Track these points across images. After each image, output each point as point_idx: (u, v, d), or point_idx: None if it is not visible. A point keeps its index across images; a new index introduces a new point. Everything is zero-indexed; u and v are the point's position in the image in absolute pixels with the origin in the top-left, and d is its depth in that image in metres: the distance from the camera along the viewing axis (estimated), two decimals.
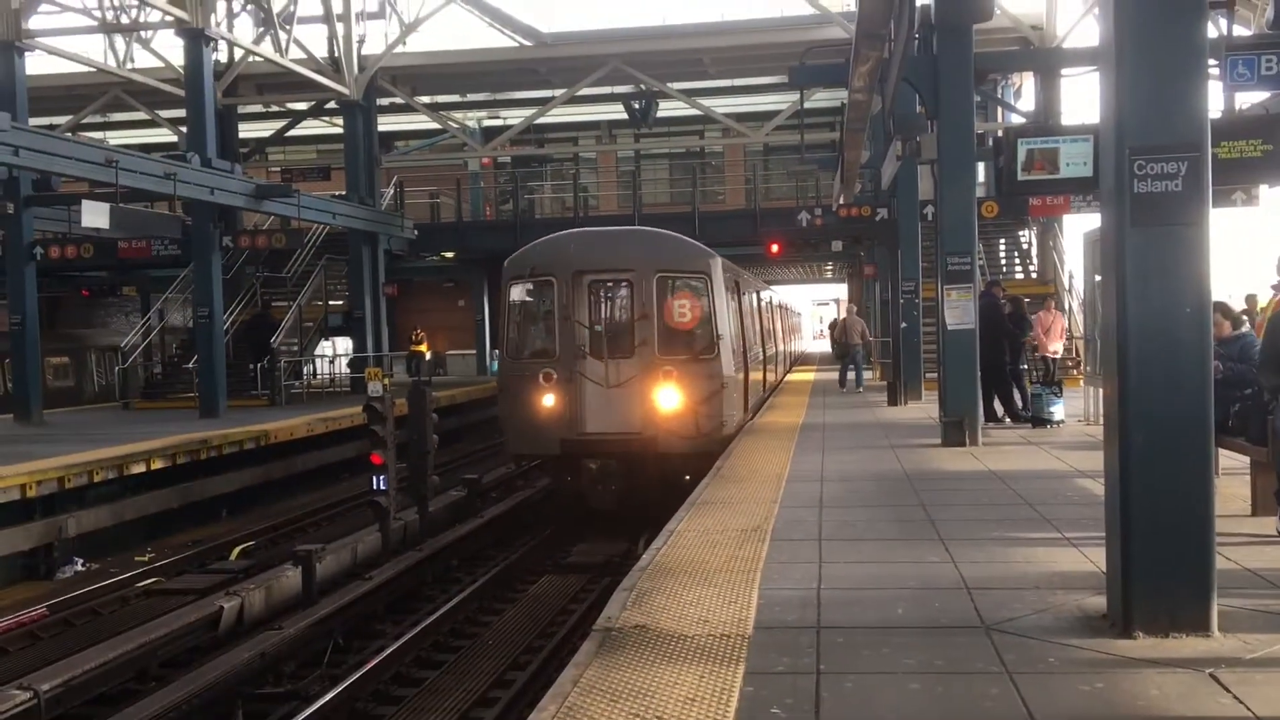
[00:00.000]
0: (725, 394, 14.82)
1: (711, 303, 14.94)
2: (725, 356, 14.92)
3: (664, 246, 15.68)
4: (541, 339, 15.72)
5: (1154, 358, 5.47)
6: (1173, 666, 5.00)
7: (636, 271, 14.89)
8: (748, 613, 6.09)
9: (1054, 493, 9.92)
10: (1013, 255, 32.01)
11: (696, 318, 14.98)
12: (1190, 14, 5.49)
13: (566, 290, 14.91)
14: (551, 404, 14.81)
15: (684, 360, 14.74)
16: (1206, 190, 5.45)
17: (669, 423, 14.59)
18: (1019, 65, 28.25)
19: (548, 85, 33.12)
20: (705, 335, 14.98)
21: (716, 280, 15.07)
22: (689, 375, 14.67)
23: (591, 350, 14.95)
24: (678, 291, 15.05)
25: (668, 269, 15.12)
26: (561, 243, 15.84)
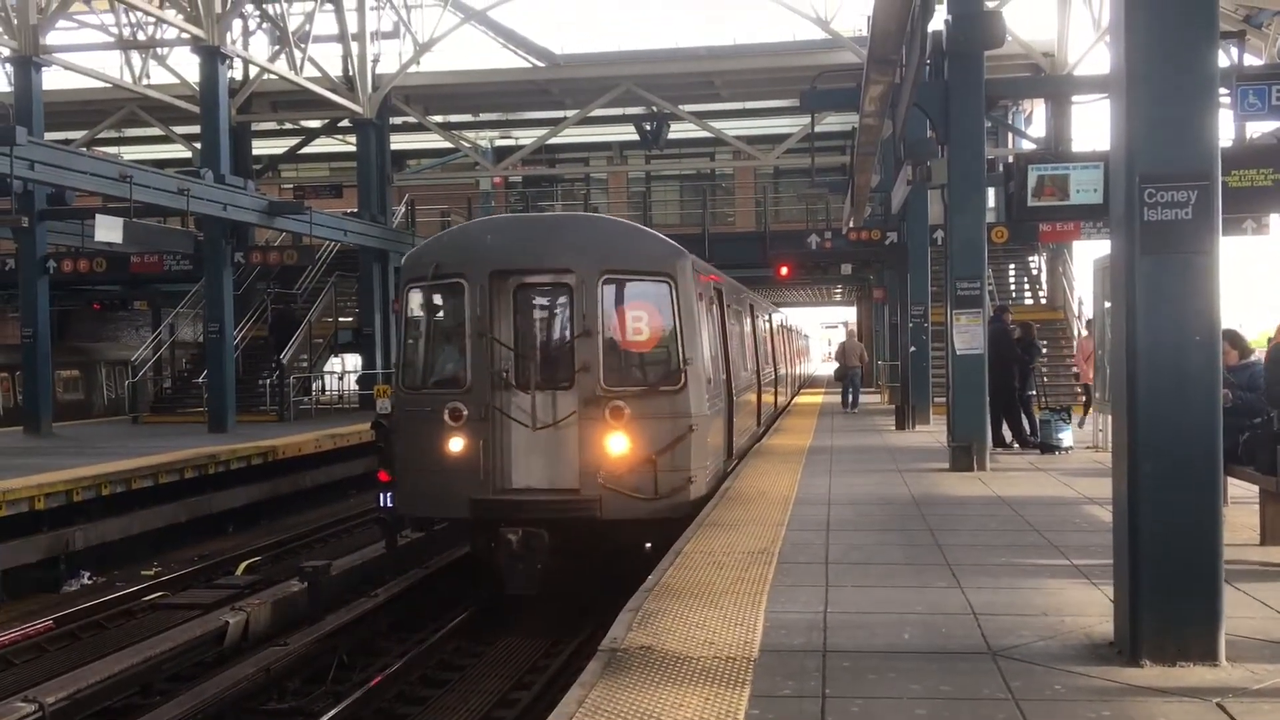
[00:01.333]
0: (694, 439, 10.98)
1: (678, 316, 11.11)
2: (695, 388, 11.12)
3: (614, 240, 11.77)
4: (447, 364, 11.86)
5: (1163, 385, 5.47)
6: (1180, 696, 4.98)
7: (577, 273, 11.05)
8: (753, 635, 6.08)
9: (1062, 519, 9.89)
10: (1022, 281, 32.02)
11: (657, 336, 11.24)
12: (1202, 43, 5.51)
13: (481, 297, 11.12)
14: (459, 450, 11.01)
15: (639, 393, 10.95)
16: (1217, 219, 5.46)
17: (618, 479, 10.76)
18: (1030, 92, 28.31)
19: (560, 106, 33.27)
20: (669, 360, 11.19)
21: (685, 286, 11.26)
22: (646, 414, 10.86)
23: (515, 379, 11.21)
24: (632, 300, 11.22)
25: (619, 270, 11.22)
26: (475, 234, 12.28)
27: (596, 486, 10.82)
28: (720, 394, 12.72)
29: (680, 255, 11.56)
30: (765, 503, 11.01)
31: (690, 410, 11.02)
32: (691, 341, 11.19)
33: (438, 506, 11.48)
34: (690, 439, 10.96)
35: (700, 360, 11.30)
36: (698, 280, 11.87)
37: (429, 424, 11.16)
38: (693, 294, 11.44)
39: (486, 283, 11.14)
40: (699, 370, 11.23)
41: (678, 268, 11.33)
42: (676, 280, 11.21)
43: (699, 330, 11.44)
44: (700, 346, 11.39)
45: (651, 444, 10.83)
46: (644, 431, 10.84)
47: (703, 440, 11.20)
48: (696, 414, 11.08)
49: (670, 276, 11.24)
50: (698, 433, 11.04)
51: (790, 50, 31.24)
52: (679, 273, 11.29)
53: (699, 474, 11.15)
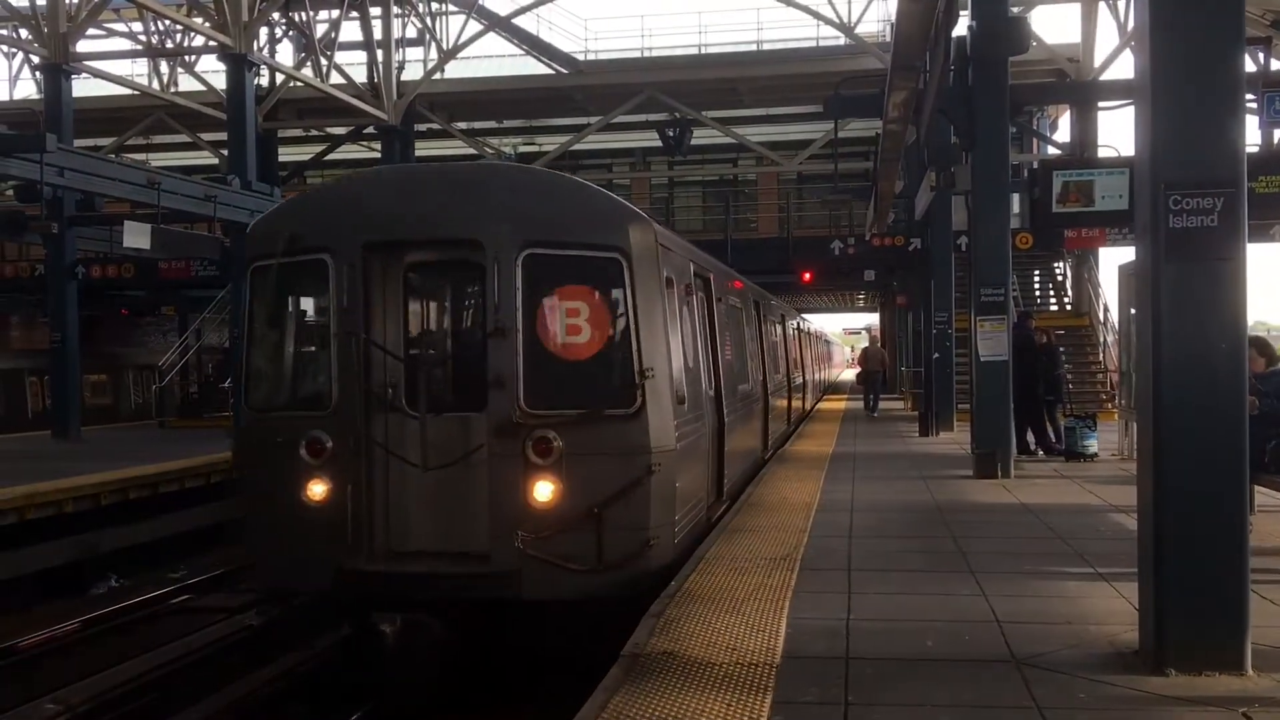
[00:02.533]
0: (655, 484, 7.86)
1: (632, 309, 7.97)
2: (657, 412, 7.95)
3: (541, 200, 8.30)
4: (305, 377, 8.95)
5: (1189, 393, 5.44)
6: (1205, 705, 4.95)
7: (487, 246, 7.91)
8: (776, 641, 6.08)
9: (1087, 527, 9.84)
10: (1047, 287, 31.84)
11: (602, 337, 8.04)
12: (1227, 48, 5.49)
13: (351, 281, 8.09)
14: (320, 499, 8.02)
15: (576, 420, 7.82)
16: (1242, 225, 5.43)
17: (545, 542, 7.70)
18: (1054, 98, 28.24)
19: (583, 113, 33.38)
20: (619, 371, 8.06)
21: (644, 265, 8.11)
22: (585, 448, 7.79)
23: (401, 398, 8.21)
24: (567, 286, 8.01)
25: (547, 242, 7.98)
26: (346, 192, 9.05)
27: (514, 553, 7.66)
28: (704, 415, 9.55)
29: (635, 221, 8.22)
30: (788, 509, 10.99)
31: (649, 443, 7.78)
32: (653, 344, 7.96)
33: (293, 574, 8.29)
34: (649, 484, 7.76)
35: (667, 371, 8.09)
36: (665, 258, 8.53)
37: (280, 461, 8.09)
38: (655, 277, 8.16)
39: (359, 260, 8.04)
40: (663, 386, 8.01)
41: (632, 239, 7.98)
42: (631, 257, 7.91)
43: (665, 328, 8.18)
44: (667, 352, 8.13)
45: (593, 492, 7.65)
46: (582, 474, 7.68)
47: (668, 484, 8.00)
48: (659, 447, 7.85)
49: (621, 251, 7.91)
50: (661, 474, 7.84)
51: (813, 56, 31.25)
52: (634, 246, 7.97)
53: (662, 533, 7.96)
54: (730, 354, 12.22)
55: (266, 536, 8.31)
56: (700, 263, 10.86)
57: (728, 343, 12.05)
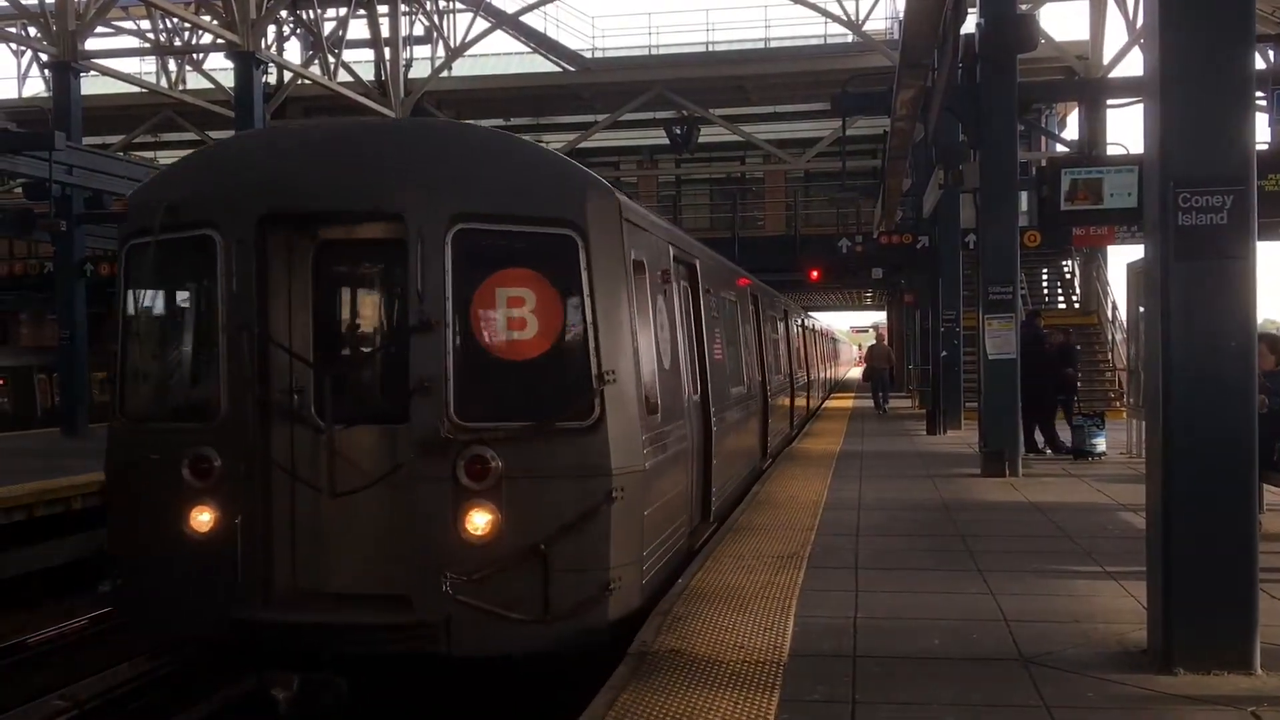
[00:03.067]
0: (617, 514, 6.51)
1: (589, 298, 6.59)
2: (619, 424, 6.59)
3: (477, 164, 6.86)
4: (188, 380, 7.51)
5: (1197, 391, 5.43)
6: (1214, 704, 4.94)
7: (410, 218, 6.56)
8: (783, 640, 6.08)
9: (1095, 526, 9.82)
10: (1055, 285, 31.78)
11: (551, 332, 6.63)
12: (1237, 46, 5.48)
13: (243, 262, 6.70)
14: (206, 530, 6.66)
15: (518, 434, 6.44)
16: (1252, 224, 5.42)
17: (479, 585, 6.35)
18: (1063, 95, 28.18)
19: (590, 110, 33.40)
20: (571, 375, 6.64)
21: (604, 244, 6.71)
22: (529, 469, 6.44)
23: (309, 407, 6.82)
24: (508, 269, 6.64)
25: (483, 214, 6.63)
26: (239, 154, 7.50)
27: (441, 599, 6.26)
28: (685, 425, 8.21)
29: (593, 190, 6.77)
30: (795, 507, 10.98)
31: (610, 462, 6.41)
32: (615, 341, 6.60)
33: (177, 619, 6.84)
34: (609, 513, 6.39)
35: (633, 374, 6.71)
36: (632, 237, 7.11)
37: (158, 482, 6.74)
38: (619, 258, 6.77)
39: (252, 236, 6.62)
40: (628, 392, 6.64)
41: (589, 211, 6.58)
42: (587, 233, 6.51)
43: (632, 322, 6.81)
44: (634, 351, 6.77)
45: (539, 523, 6.30)
46: (526, 501, 6.33)
47: (633, 513, 6.63)
48: (622, 468, 6.49)
49: (575, 226, 6.51)
50: (625, 501, 6.49)
51: (821, 53, 31.24)
52: (592, 220, 6.57)
53: (626, 574, 6.55)
54: (721, 353, 10.84)
55: (142, 573, 6.88)
56: (683, 247, 9.37)
57: (718, 340, 10.73)
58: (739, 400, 11.93)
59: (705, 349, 9.65)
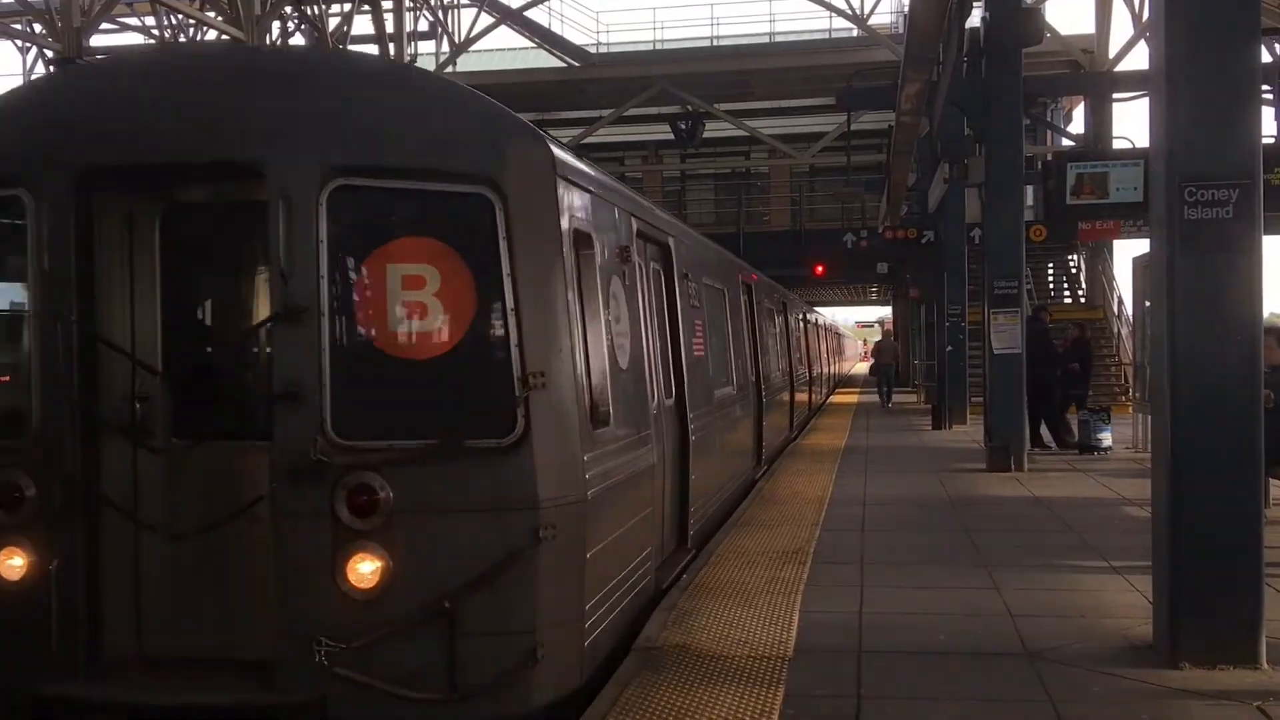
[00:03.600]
0: (548, 559, 4.97)
1: (511, 278, 5.00)
2: (551, 438, 5.04)
3: (363, 102, 5.19)
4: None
5: (1203, 385, 5.43)
6: (1219, 699, 4.94)
7: (271, 172, 4.97)
8: (788, 635, 6.07)
9: (1100, 520, 9.81)
10: (1061, 280, 31.72)
11: (459, 322, 5.06)
12: (1242, 40, 5.46)
13: (57, 231, 5.14)
14: (14, 579, 5.12)
15: (415, 455, 4.90)
16: (1258, 217, 5.41)
17: (365, 653, 4.82)
18: (1068, 89, 28.07)
19: (595, 105, 33.38)
20: (486, 378, 5.13)
21: (530, 209, 5.15)
22: (430, 502, 4.93)
23: (149, 419, 5.44)
24: (402, 240, 5.14)
25: (368, 167, 5.03)
26: (65, 90, 5.72)
27: (314, 671, 4.81)
28: (651, 435, 6.65)
29: (517, 136, 5.28)
30: (799, 502, 10.98)
31: (536, 493, 4.90)
32: (545, 333, 5.06)
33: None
34: (536, 560, 4.90)
35: (572, 376, 5.15)
36: (573, 200, 5.57)
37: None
38: (552, 226, 5.24)
39: (71, 197, 5.11)
40: (565, 398, 5.10)
41: (510, 164, 5.10)
42: (506, 193, 5.00)
43: (571, 309, 5.24)
44: (572, 346, 5.19)
45: (444, 573, 4.83)
46: (426, 543, 4.88)
47: (571, 556, 5.12)
48: (554, 498, 4.97)
49: (490, 184, 5.00)
50: (560, 542, 4.97)
51: (826, 48, 31.18)
52: (513, 175, 5.07)
53: (560, 637, 5.05)
54: (703, 348, 9.45)
55: None
56: (650, 220, 7.60)
57: (699, 334, 9.28)
58: (727, 403, 10.43)
59: (682, 344, 8.14)
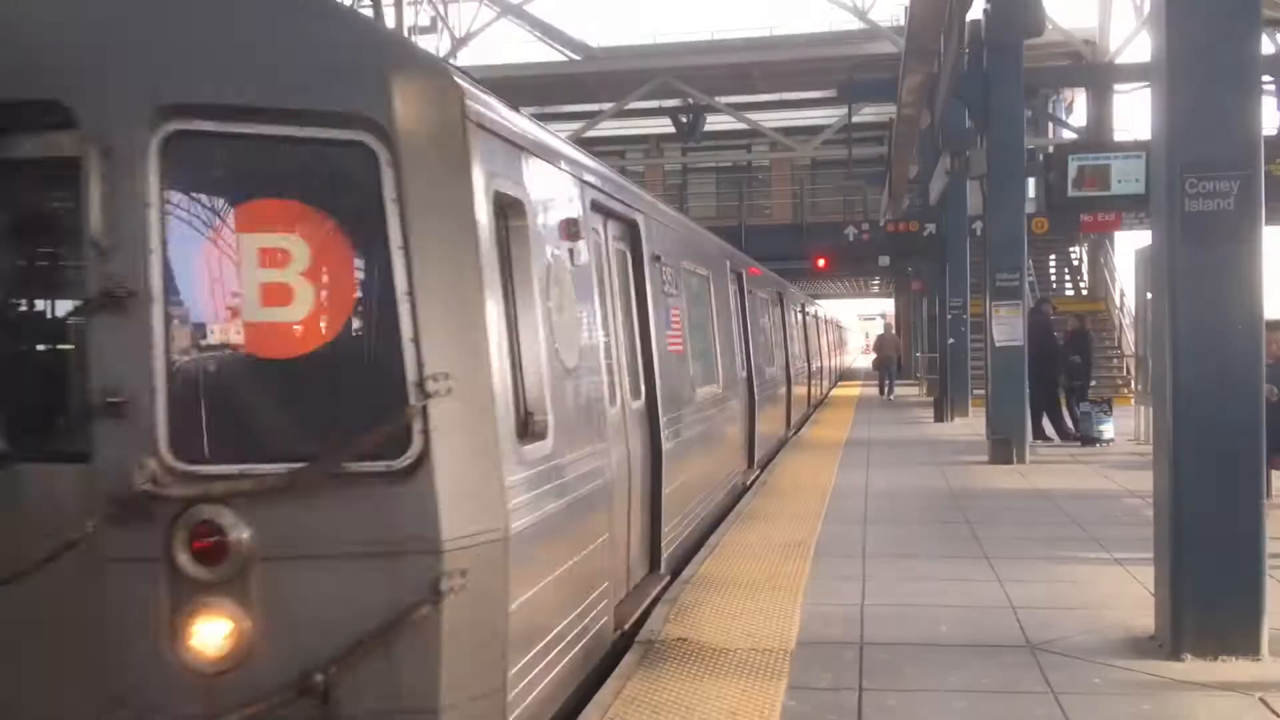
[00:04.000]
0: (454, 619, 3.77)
1: (401, 251, 3.80)
2: (460, 460, 3.85)
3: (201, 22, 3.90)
4: None
5: (1205, 376, 5.43)
6: (1221, 690, 4.94)
7: (83, 114, 3.73)
8: (791, 627, 6.08)
9: (1102, 512, 9.81)
10: (1063, 272, 31.71)
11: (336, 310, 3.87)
12: (1243, 31, 5.45)
13: None
14: None
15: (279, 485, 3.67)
16: (1259, 208, 5.41)
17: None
18: (1070, 81, 28.05)
19: (596, 99, 33.35)
20: (372, 381, 3.87)
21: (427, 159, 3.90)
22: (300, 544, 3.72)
23: None
24: (256, 201, 3.87)
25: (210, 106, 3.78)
26: None
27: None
28: (609, 448, 5.61)
29: (410, 68, 4.07)
30: (802, 495, 10.99)
31: (438, 531, 3.77)
32: (452, 325, 3.97)
33: None
34: (438, 619, 3.79)
35: (488, 378, 4.05)
36: (492, 151, 4.39)
37: None
38: (463, 186, 4.08)
39: None
40: (478, 407, 4.00)
41: (401, 101, 3.90)
42: (397, 139, 3.85)
43: (486, 292, 4.10)
44: (491, 340, 4.09)
45: (315, 638, 3.73)
46: (292, 599, 3.77)
47: (488, 610, 4.02)
48: (463, 538, 3.85)
49: (375, 128, 3.85)
50: (471, 594, 3.86)
51: (827, 41, 31.14)
52: (407, 116, 3.90)
53: (474, 715, 4.00)
54: (683, 343, 8.34)
55: None
56: (612, 193, 6.42)
57: (676, 326, 8.13)
58: (712, 402, 9.40)
59: (653, 338, 7.02)
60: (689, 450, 8.11)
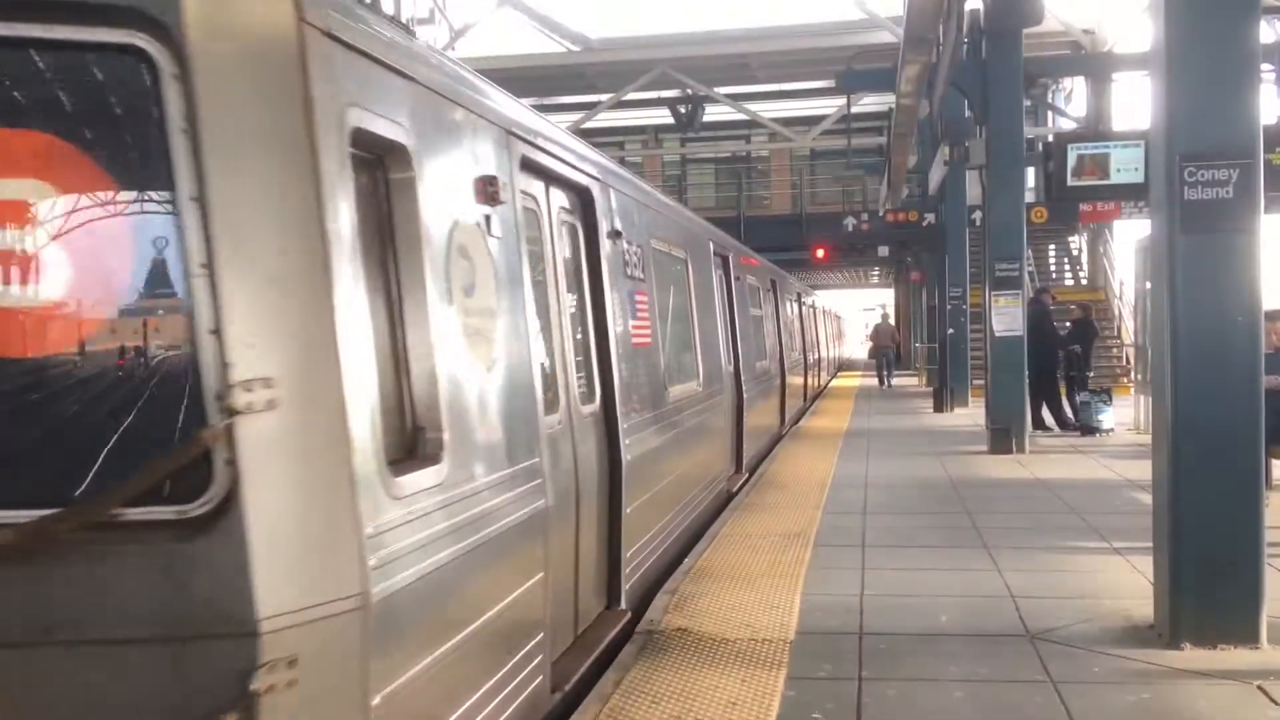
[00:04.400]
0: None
1: (194, 203, 2.67)
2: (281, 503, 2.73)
3: None
4: None
5: (1204, 366, 5.43)
6: (1220, 678, 4.95)
7: None
8: (790, 617, 6.09)
9: (1101, 502, 9.82)
10: (1062, 261, 31.69)
11: (94, 286, 2.74)
12: (1242, 18, 5.44)
13: None
14: None
15: (14, 543, 2.51)
16: (1258, 197, 5.40)
17: None
18: (1069, 70, 27.95)
19: (594, 90, 33.27)
20: (152, 391, 2.69)
21: (235, 72, 2.76)
22: (48, 631, 2.55)
23: None
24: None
25: None
26: None
27: None
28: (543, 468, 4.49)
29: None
30: (802, 485, 10.99)
31: (251, 606, 2.64)
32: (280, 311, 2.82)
33: None
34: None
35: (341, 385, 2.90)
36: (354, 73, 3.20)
37: None
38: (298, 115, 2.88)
39: None
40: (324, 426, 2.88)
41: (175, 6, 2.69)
42: (184, 44, 2.70)
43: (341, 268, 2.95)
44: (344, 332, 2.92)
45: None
46: (38, 705, 2.61)
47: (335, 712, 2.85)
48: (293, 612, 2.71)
49: (153, 26, 2.69)
50: (305, 693, 2.72)
51: (826, 30, 31.02)
52: (197, 11, 2.73)
53: None
54: (650, 336, 7.35)
55: None
56: (549, 149, 5.25)
57: (643, 316, 7.16)
58: (689, 403, 8.38)
59: (610, 332, 6.08)
60: (659, 460, 7.04)
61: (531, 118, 5.17)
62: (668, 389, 7.60)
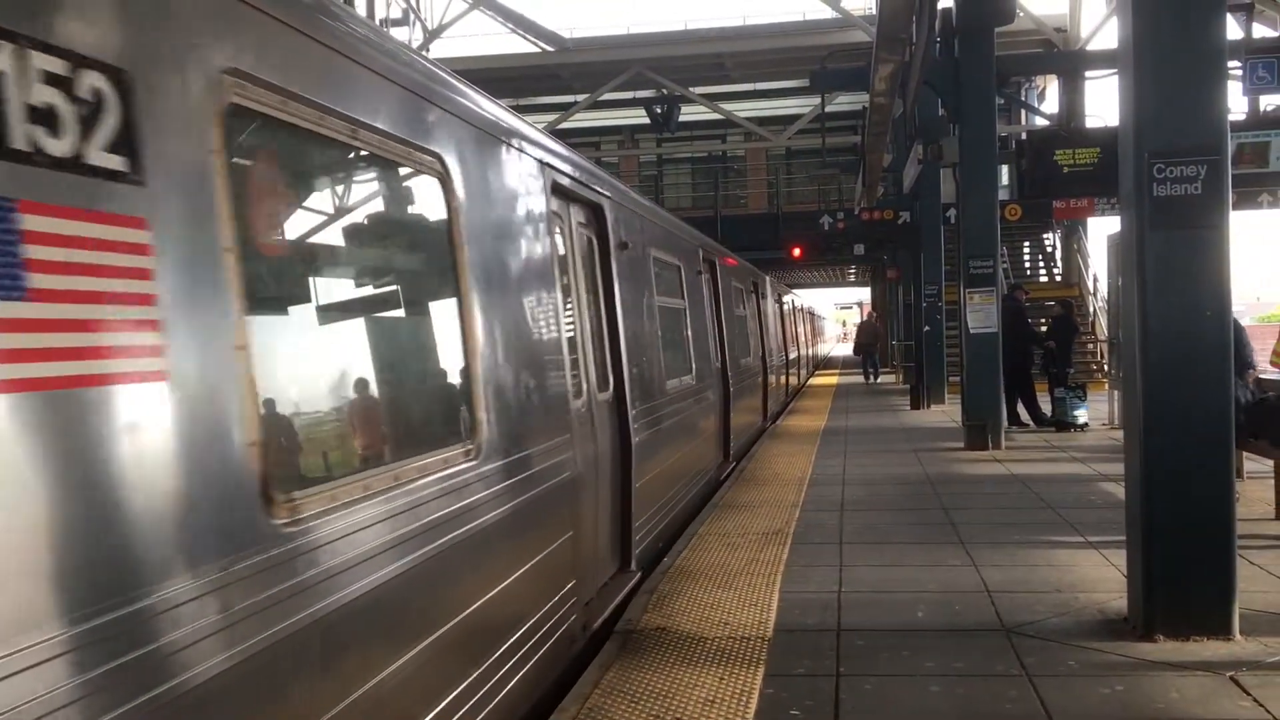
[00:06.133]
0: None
1: None
2: None
3: None
4: None
5: (1174, 360, 5.48)
6: (1193, 669, 5.00)
7: None
8: (768, 615, 6.11)
9: (1076, 496, 9.89)
10: (1037, 258, 31.88)
11: None
12: (1209, 15, 5.49)
13: None
14: None
15: None
16: (1226, 193, 5.45)
17: None
18: (1041, 68, 28.11)
19: (570, 91, 33.27)
20: None
21: None
22: None
23: None
24: None
25: None
26: None
27: None
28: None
29: None
30: (779, 484, 11.02)
31: None
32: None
33: None
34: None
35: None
36: None
37: None
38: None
39: None
40: None
41: None
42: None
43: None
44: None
45: None
46: None
47: None
48: None
49: None
50: None
51: (800, 30, 31.15)
52: None
53: None
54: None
55: None
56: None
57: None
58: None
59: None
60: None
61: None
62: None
